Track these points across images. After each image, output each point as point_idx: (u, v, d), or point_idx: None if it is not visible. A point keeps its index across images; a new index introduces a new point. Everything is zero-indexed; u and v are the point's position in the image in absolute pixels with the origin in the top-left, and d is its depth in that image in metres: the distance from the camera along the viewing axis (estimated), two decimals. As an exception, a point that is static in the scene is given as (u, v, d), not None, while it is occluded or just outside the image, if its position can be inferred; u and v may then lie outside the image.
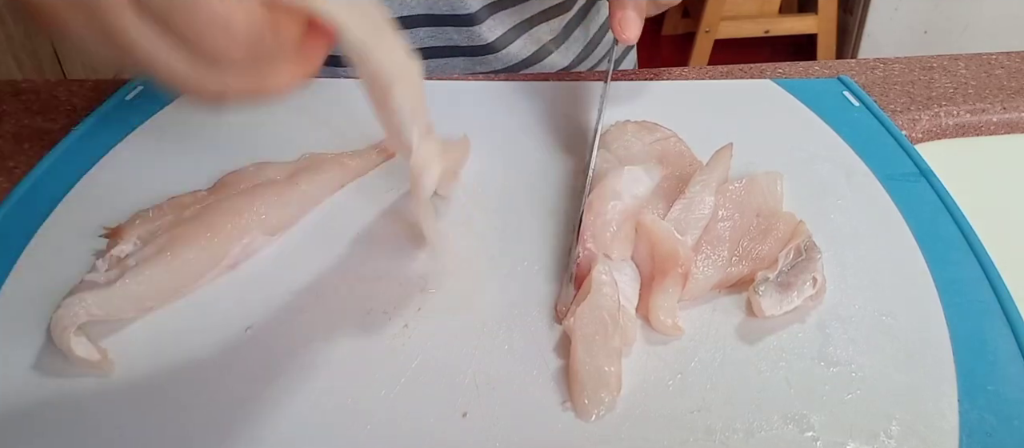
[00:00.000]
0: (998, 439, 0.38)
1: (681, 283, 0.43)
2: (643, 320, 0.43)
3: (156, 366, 0.41)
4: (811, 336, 0.42)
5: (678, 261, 0.43)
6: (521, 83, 0.62)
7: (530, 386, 0.40)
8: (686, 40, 2.37)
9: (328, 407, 0.39)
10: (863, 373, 0.41)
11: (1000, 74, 0.66)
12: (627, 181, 0.47)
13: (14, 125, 0.58)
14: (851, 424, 0.38)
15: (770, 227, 0.46)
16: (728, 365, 0.41)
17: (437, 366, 0.41)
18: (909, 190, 0.52)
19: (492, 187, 0.52)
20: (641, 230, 0.45)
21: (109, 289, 0.42)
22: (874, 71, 0.66)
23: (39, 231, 0.48)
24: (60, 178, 0.51)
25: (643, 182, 0.47)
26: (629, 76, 0.63)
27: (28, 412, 0.38)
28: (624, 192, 0.46)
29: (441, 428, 0.38)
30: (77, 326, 0.40)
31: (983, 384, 0.40)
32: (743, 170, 0.51)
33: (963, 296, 0.45)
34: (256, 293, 0.44)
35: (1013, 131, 0.63)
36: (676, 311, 0.42)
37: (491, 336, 0.42)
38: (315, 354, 0.41)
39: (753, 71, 0.64)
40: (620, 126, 0.53)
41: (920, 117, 0.61)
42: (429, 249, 0.47)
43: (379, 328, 0.43)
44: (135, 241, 0.46)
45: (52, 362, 0.40)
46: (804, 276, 0.43)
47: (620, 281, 0.43)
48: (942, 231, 0.49)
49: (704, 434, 0.38)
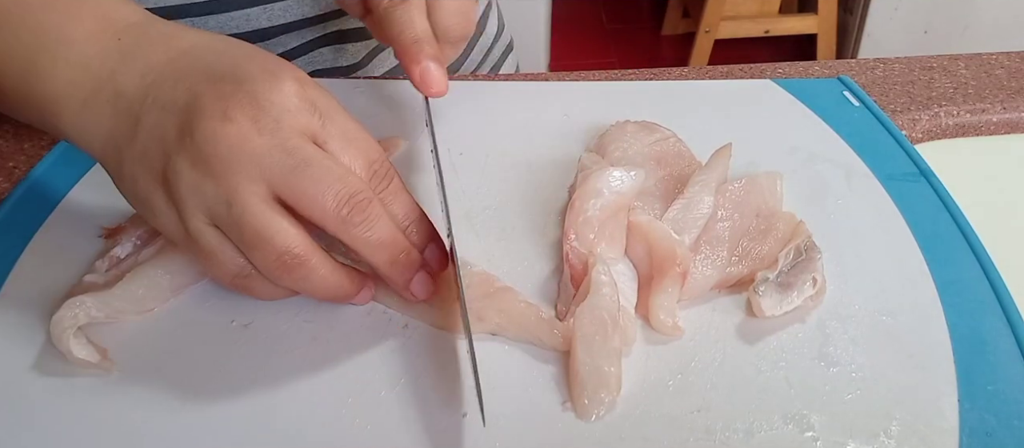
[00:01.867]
0: (998, 439, 0.38)
1: (680, 282, 0.43)
2: (643, 320, 0.43)
3: (156, 366, 0.41)
4: (811, 336, 0.42)
5: (676, 261, 0.43)
6: (507, 83, 0.62)
7: (530, 386, 0.40)
8: (686, 40, 2.37)
9: (327, 408, 0.39)
10: (863, 373, 0.41)
11: (1000, 74, 0.66)
12: (608, 180, 0.46)
13: (14, 125, 0.58)
14: (851, 424, 0.38)
15: (770, 227, 0.46)
16: (728, 365, 0.41)
17: (437, 366, 0.41)
18: (909, 190, 0.52)
19: (491, 187, 0.52)
20: (637, 230, 0.45)
21: (109, 291, 0.42)
22: (874, 71, 0.66)
23: (39, 231, 0.47)
24: (60, 178, 0.51)
25: (625, 181, 0.47)
26: (629, 76, 0.63)
27: (28, 412, 0.38)
28: (605, 189, 0.46)
29: (441, 428, 0.38)
30: (77, 327, 0.40)
31: (983, 384, 0.40)
32: (743, 170, 0.51)
33: (963, 296, 0.45)
34: (256, 293, 0.44)
35: (1013, 131, 0.63)
36: (676, 311, 0.42)
37: (491, 336, 0.42)
38: (315, 354, 0.41)
39: (753, 71, 0.64)
40: (620, 126, 0.53)
41: (920, 117, 0.61)
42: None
43: (379, 328, 0.43)
44: (134, 241, 0.46)
45: (52, 362, 0.40)
46: (804, 276, 0.43)
47: (619, 281, 0.43)
48: (942, 231, 0.49)
49: (704, 434, 0.38)
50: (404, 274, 0.40)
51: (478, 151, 0.54)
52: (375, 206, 0.38)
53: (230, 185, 0.36)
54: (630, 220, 0.46)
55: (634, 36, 2.57)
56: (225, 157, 0.36)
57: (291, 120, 0.37)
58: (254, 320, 0.43)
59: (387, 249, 0.39)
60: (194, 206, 0.37)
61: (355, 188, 0.37)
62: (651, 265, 0.44)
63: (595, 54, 2.46)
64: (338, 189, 0.37)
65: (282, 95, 0.37)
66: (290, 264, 0.37)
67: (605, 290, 0.41)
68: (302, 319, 0.43)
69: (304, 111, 0.38)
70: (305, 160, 0.36)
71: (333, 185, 0.37)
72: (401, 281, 0.40)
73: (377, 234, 0.38)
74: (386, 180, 0.40)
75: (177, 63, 0.38)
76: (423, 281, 0.41)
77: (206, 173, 0.36)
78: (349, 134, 0.39)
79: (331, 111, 0.39)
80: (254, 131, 0.36)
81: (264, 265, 0.37)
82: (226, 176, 0.36)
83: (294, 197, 0.36)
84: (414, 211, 0.41)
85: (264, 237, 0.36)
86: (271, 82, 0.37)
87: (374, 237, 0.38)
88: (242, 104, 0.36)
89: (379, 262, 0.39)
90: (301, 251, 0.37)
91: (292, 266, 0.37)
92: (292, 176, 0.36)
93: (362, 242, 0.38)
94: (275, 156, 0.36)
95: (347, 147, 0.39)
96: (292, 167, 0.36)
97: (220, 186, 0.36)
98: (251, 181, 0.36)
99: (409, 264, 0.40)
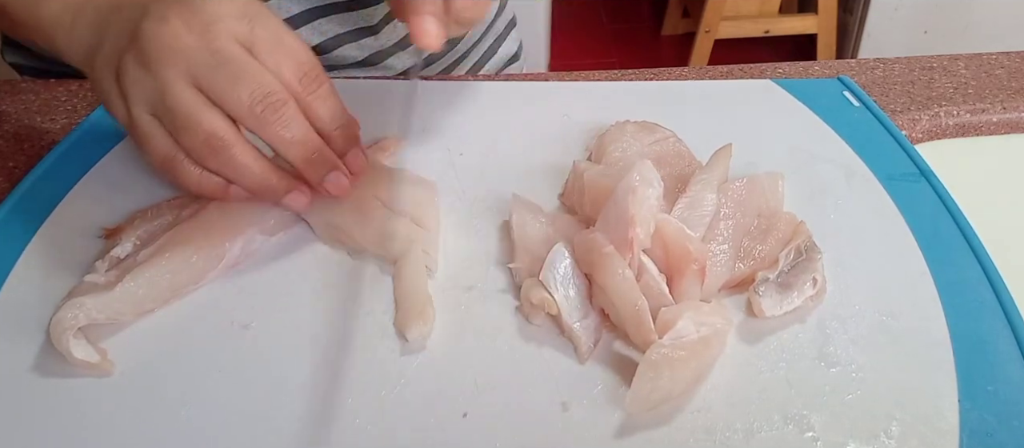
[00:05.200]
0: (998, 439, 0.38)
1: (700, 280, 0.42)
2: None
3: (156, 367, 0.41)
4: (811, 336, 0.42)
5: (692, 258, 0.42)
6: (507, 83, 0.62)
7: (530, 387, 0.40)
8: (686, 40, 2.37)
9: (328, 408, 0.39)
10: (863, 373, 0.41)
11: (1000, 74, 0.66)
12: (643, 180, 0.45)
13: (14, 125, 0.58)
14: (851, 424, 0.38)
15: (771, 227, 0.46)
16: (728, 365, 0.41)
17: (437, 367, 0.41)
18: (909, 190, 0.52)
19: (491, 187, 0.52)
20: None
21: (109, 292, 0.41)
22: (874, 71, 0.66)
23: (39, 231, 0.47)
24: (60, 178, 0.51)
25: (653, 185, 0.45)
26: (629, 76, 0.63)
27: (28, 413, 0.38)
28: (654, 181, 0.44)
29: (441, 429, 0.38)
30: (76, 328, 0.40)
31: (983, 384, 0.40)
32: (743, 170, 0.51)
33: (963, 296, 0.45)
34: (255, 293, 0.44)
35: (1013, 131, 0.63)
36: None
37: (491, 337, 0.42)
38: (315, 355, 0.41)
39: (753, 71, 0.64)
40: (619, 126, 0.53)
41: (920, 117, 0.61)
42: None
43: (380, 329, 0.43)
44: (134, 241, 0.46)
45: (52, 363, 0.40)
46: (804, 276, 0.43)
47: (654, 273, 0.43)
48: (942, 231, 0.49)
49: (704, 434, 0.38)
50: (318, 171, 0.43)
51: (478, 151, 0.54)
52: (290, 107, 0.42)
53: (163, 77, 0.41)
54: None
55: (634, 36, 2.57)
56: (159, 53, 0.41)
57: (221, 25, 0.41)
58: (253, 321, 0.43)
59: (301, 146, 0.42)
60: (136, 96, 0.42)
61: (270, 87, 0.41)
62: (669, 264, 0.44)
63: (595, 54, 2.46)
64: (253, 88, 0.41)
65: (217, 3, 0.42)
66: (216, 146, 0.41)
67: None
68: (301, 320, 0.43)
69: (234, 17, 0.42)
70: (225, 59, 0.41)
71: (248, 84, 0.41)
72: (315, 177, 0.44)
73: (291, 132, 0.42)
74: (315, 83, 0.43)
75: None
76: (336, 180, 0.44)
77: (145, 67, 0.41)
78: (280, 40, 0.43)
79: (263, 18, 0.43)
80: (184, 30, 0.41)
81: (192, 146, 0.42)
82: (160, 69, 0.41)
83: (214, 92, 0.41)
84: (341, 116, 0.45)
85: (191, 120, 0.41)
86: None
87: (288, 134, 0.42)
88: (179, 9, 0.41)
89: (294, 158, 0.43)
90: (225, 135, 0.41)
91: (218, 148, 0.41)
92: (211, 73, 0.41)
93: (277, 139, 0.42)
94: (201, 55, 0.41)
95: (275, 51, 0.42)
96: (213, 65, 0.41)
97: (157, 78, 0.41)
98: (180, 75, 0.41)
99: (323, 162, 0.43)
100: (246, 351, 0.41)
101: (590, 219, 0.46)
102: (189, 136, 0.41)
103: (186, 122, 0.41)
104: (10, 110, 0.60)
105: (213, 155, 0.41)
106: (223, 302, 0.44)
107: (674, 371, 0.38)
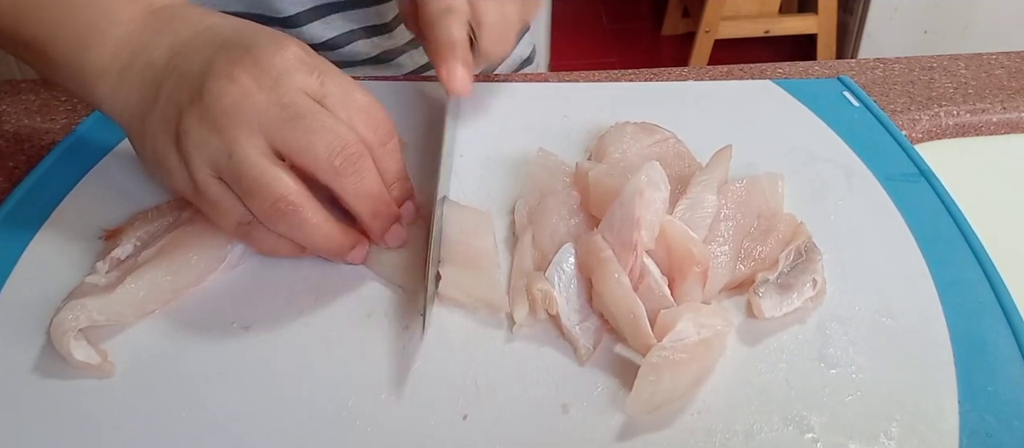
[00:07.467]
0: (998, 439, 0.38)
1: (702, 282, 0.42)
2: None
3: (156, 368, 0.41)
4: (811, 337, 0.42)
5: (694, 260, 0.42)
6: (507, 84, 0.62)
7: (530, 388, 0.40)
8: (686, 40, 2.37)
9: (328, 409, 0.39)
10: (863, 374, 0.41)
11: (1000, 74, 0.66)
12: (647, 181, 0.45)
13: (14, 125, 0.58)
14: (851, 425, 0.38)
15: (771, 228, 0.46)
16: (728, 366, 0.41)
17: (438, 368, 0.41)
18: (909, 190, 0.52)
19: (491, 187, 0.52)
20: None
21: (109, 293, 0.41)
22: (874, 71, 0.66)
23: (39, 232, 0.47)
24: (60, 179, 0.51)
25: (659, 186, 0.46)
26: (629, 77, 0.63)
27: (29, 414, 0.38)
28: (661, 183, 0.44)
29: (442, 430, 0.38)
30: (77, 330, 0.40)
31: (983, 384, 0.40)
32: (743, 171, 0.51)
33: (963, 296, 0.45)
34: (256, 294, 0.44)
35: (1013, 131, 0.63)
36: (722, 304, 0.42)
37: (491, 338, 0.42)
38: (315, 356, 0.41)
39: (753, 71, 0.64)
40: (619, 127, 0.53)
41: (920, 117, 0.61)
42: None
43: (380, 330, 0.43)
44: (135, 242, 0.46)
45: (52, 364, 0.40)
46: (804, 277, 0.43)
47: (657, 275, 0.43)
48: (942, 231, 0.49)
49: (704, 436, 0.38)
50: (383, 224, 0.44)
51: (478, 151, 0.54)
52: (366, 160, 0.41)
53: (231, 138, 0.39)
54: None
55: (634, 36, 2.57)
56: (227, 112, 0.39)
57: (290, 79, 0.40)
58: (254, 322, 0.43)
59: (372, 200, 0.42)
60: (200, 159, 0.40)
61: (347, 140, 0.40)
62: (671, 266, 0.44)
63: (595, 54, 2.46)
64: (330, 140, 0.40)
65: (284, 58, 0.40)
66: (285, 210, 0.40)
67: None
68: (302, 321, 0.43)
69: (303, 71, 0.41)
70: (298, 113, 0.40)
71: (325, 137, 0.40)
72: (380, 230, 0.44)
73: (367, 186, 0.42)
74: (387, 136, 0.43)
75: (201, 37, 0.42)
76: (397, 232, 0.45)
77: (211, 128, 0.39)
78: (349, 93, 0.42)
79: (331, 72, 0.42)
80: (254, 88, 0.39)
81: (261, 211, 0.40)
82: (227, 130, 0.39)
83: (288, 147, 0.40)
84: (401, 171, 0.45)
85: (261, 184, 0.39)
86: (275, 47, 0.41)
87: (363, 188, 0.42)
88: (246, 65, 0.40)
89: (363, 210, 0.42)
90: (295, 198, 0.40)
91: (287, 212, 0.40)
92: (285, 127, 0.39)
93: (351, 192, 0.41)
94: (272, 111, 0.39)
95: (347, 104, 0.42)
96: (286, 119, 0.39)
97: (223, 139, 0.39)
98: (250, 134, 0.39)
99: (388, 216, 0.44)
100: (247, 352, 0.41)
101: (594, 219, 0.46)
102: (258, 200, 0.40)
103: (254, 186, 0.39)
104: (10, 110, 0.60)
105: (282, 219, 0.40)
106: (224, 303, 0.44)
107: (675, 373, 0.38)
